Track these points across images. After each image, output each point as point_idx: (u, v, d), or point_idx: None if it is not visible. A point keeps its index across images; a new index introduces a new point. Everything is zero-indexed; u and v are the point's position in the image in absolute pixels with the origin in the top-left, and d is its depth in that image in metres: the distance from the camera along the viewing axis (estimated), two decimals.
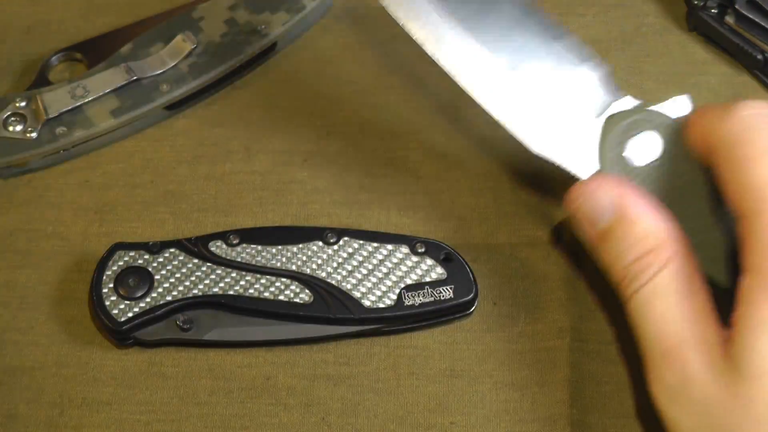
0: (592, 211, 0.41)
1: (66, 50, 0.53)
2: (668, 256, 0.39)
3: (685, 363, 0.38)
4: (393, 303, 0.45)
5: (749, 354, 0.36)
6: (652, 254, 0.39)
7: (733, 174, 0.38)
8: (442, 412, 0.45)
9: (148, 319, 0.44)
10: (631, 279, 0.40)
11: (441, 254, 0.46)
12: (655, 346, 0.39)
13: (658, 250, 0.39)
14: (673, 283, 0.39)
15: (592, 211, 0.41)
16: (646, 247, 0.39)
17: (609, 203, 0.41)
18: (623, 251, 0.40)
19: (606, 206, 0.41)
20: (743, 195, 0.38)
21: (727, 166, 0.39)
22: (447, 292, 0.45)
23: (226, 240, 0.46)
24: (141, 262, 0.45)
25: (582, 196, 0.41)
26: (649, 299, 0.39)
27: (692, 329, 0.38)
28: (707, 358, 0.37)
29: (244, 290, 0.45)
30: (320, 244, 0.46)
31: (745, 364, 0.36)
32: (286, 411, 0.45)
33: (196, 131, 0.52)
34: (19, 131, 0.50)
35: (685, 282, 0.39)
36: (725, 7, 0.53)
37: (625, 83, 0.53)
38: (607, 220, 0.41)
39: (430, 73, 0.54)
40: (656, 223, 0.40)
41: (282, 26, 0.53)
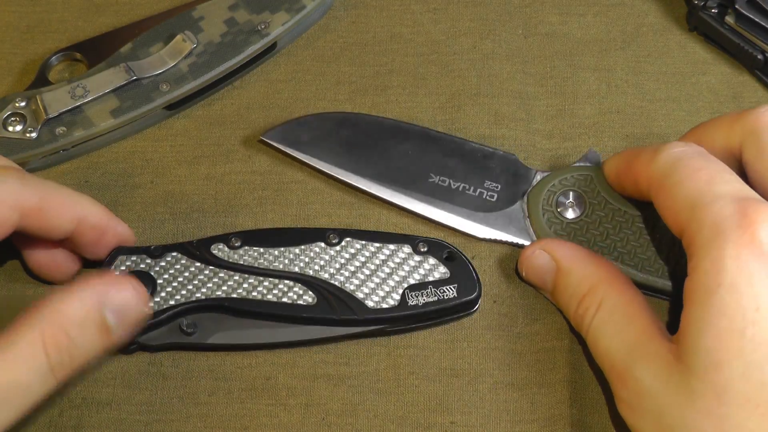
0: (536, 273, 0.46)
1: (66, 50, 0.53)
2: (601, 297, 0.43)
3: (636, 380, 0.40)
4: (397, 303, 0.45)
5: (694, 351, 0.38)
6: (587, 297, 0.44)
7: (666, 200, 0.42)
8: (442, 412, 0.45)
9: (152, 324, 0.44)
10: (581, 320, 0.44)
11: (444, 253, 0.46)
12: (610, 373, 0.42)
13: (591, 293, 0.44)
14: (611, 317, 0.43)
15: (536, 273, 0.46)
16: (582, 293, 0.44)
17: (547, 263, 0.46)
18: (569, 300, 0.45)
19: (545, 266, 0.46)
20: (678, 213, 0.41)
21: (660, 197, 0.42)
22: (450, 291, 0.45)
23: (228, 243, 0.46)
24: (143, 267, 0.45)
25: (526, 264, 0.46)
26: (596, 335, 0.43)
27: (637, 349, 0.41)
28: (655, 369, 0.40)
29: (247, 293, 0.45)
30: (322, 245, 0.46)
31: (691, 362, 0.38)
32: (286, 411, 0.45)
33: (196, 131, 0.52)
34: (18, 131, 0.50)
35: (622, 312, 0.43)
36: (725, 6, 0.53)
37: (626, 83, 0.53)
38: (550, 277, 0.46)
39: (430, 73, 0.54)
40: (584, 269, 0.45)
41: (282, 26, 0.53)
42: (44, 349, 0.39)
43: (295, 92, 0.53)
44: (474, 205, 0.48)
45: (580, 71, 0.54)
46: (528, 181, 0.48)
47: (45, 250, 0.46)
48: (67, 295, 0.40)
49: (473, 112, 0.52)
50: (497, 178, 0.49)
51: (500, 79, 0.53)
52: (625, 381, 0.41)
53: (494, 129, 0.52)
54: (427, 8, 0.56)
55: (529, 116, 0.52)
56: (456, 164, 0.49)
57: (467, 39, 0.55)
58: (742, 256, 0.38)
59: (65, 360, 0.39)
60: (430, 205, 0.48)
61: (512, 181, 0.49)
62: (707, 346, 0.38)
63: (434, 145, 0.50)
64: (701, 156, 0.42)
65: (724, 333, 0.37)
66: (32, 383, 0.39)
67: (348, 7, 0.56)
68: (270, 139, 0.50)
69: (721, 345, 0.37)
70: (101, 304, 0.40)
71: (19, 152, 0.49)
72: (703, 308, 0.38)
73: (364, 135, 0.50)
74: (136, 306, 0.42)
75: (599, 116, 0.52)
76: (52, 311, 0.39)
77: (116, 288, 0.41)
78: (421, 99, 0.53)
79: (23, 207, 0.42)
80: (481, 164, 0.49)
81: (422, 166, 0.49)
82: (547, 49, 0.54)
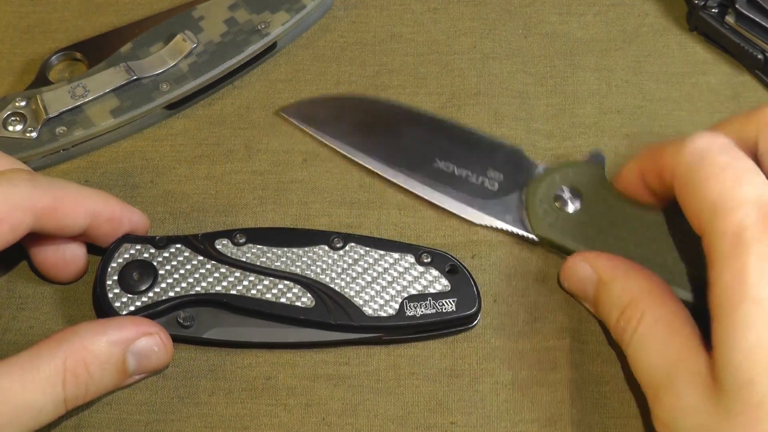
0: (578, 285, 0.46)
1: (66, 50, 0.53)
2: (642, 309, 0.42)
3: (676, 397, 0.40)
4: (395, 312, 0.45)
5: (725, 369, 0.38)
6: (629, 309, 0.43)
7: (689, 196, 0.41)
8: (442, 412, 0.45)
9: (150, 314, 0.44)
10: (622, 333, 0.43)
11: (446, 266, 0.46)
12: (648, 388, 0.42)
13: (633, 305, 0.43)
14: (652, 330, 0.42)
15: (578, 285, 0.46)
16: (623, 304, 0.43)
17: (589, 275, 0.45)
18: (609, 311, 0.44)
19: (587, 278, 0.45)
20: (700, 213, 0.40)
21: (683, 192, 0.41)
22: (450, 304, 0.45)
23: (233, 238, 0.46)
24: (146, 256, 0.45)
25: (567, 275, 0.46)
26: (637, 348, 0.42)
27: (679, 365, 0.40)
28: (696, 387, 0.39)
29: (246, 290, 0.45)
30: (326, 249, 0.46)
31: (724, 380, 0.38)
32: (286, 411, 0.45)
33: (196, 131, 0.52)
34: (18, 131, 0.50)
35: (664, 326, 0.42)
36: (726, 6, 0.53)
37: (626, 83, 0.53)
38: (592, 289, 0.45)
39: (430, 73, 0.54)
40: (626, 281, 0.44)
41: (282, 26, 0.53)
42: (63, 381, 0.40)
43: (295, 92, 0.53)
44: (474, 192, 0.49)
45: (580, 71, 0.54)
46: (530, 174, 0.49)
47: (52, 249, 0.46)
48: (97, 332, 0.41)
49: (473, 111, 0.52)
50: (500, 168, 0.49)
51: (500, 79, 0.53)
52: (662, 398, 0.40)
53: (494, 129, 0.52)
54: (427, 8, 0.56)
55: (530, 116, 0.52)
56: (462, 152, 0.50)
57: (467, 39, 0.55)
58: (765, 268, 0.37)
59: (80, 393, 0.41)
60: (432, 188, 0.49)
61: (515, 172, 0.49)
62: (737, 363, 0.37)
63: (443, 132, 0.50)
64: (728, 151, 0.41)
65: (752, 348, 0.37)
66: (44, 408, 0.40)
67: (348, 7, 0.56)
68: (288, 115, 0.52)
69: (751, 361, 0.37)
70: (127, 348, 0.42)
71: (19, 152, 0.49)
72: (728, 323, 0.38)
73: (377, 118, 0.51)
74: (158, 356, 0.44)
75: (599, 116, 0.52)
76: (78, 345, 0.41)
77: (146, 336, 0.43)
78: (421, 99, 0.53)
79: (37, 209, 0.42)
80: (486, 154, 0.50)
81: (429, 151, 0.50)
82: (547, 48, 0.54)
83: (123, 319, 0.43)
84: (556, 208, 0.47)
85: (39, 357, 0.40)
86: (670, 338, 0.41)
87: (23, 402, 0.39)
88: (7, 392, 0.39)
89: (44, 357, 0.40)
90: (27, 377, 0.39)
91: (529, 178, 0.49)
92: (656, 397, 0.41)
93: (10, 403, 0.39)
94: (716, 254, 0.39)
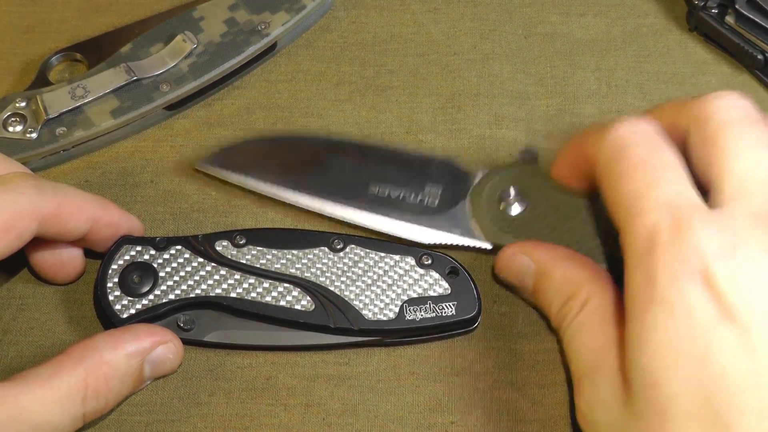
0: (515, 276, 0.45)
1: (66, 50, 0.53)
2: (585, 297, 0.42)
3: (594, 389, 0.40)
4: (394, 316, 0.45)
5: (635, 369, 0.38)
6: (571, 300, 0.43)
7: (608, 192, 0.40)
8: (442, 412, 0.45)
9: (151, 317, 0.44)
10: (561, 321, 0.43)
11: (447, 268, 0.46)
12: (573, 377, 0.42)
13: (574, 296, 0.43)
14: (589, 319, 0.42)
15: (515, 276, 0.45)
16: (566, 296, 0.43)
17: (526, 265, 0.45)
18: (551, 301, 0.44)
19: (524, 268, 0.45)
20: (616, 211, 0.40)
21: (603, 185, 0.41)
22: (450, 308, 0.45)
23: (233, 240, 0.46)
24: (147, 258, 0.45)
25: (503, 266, 0.46)
26: (572, 335, 0.42)
27: (601, 358, 0.40)
28: (612, 383, 0.39)
29: (246, 293, 0.45)
30: (326, 250, 0.46)
31: (633, 381, 0.38)
32: (286, 411, 0.45)
33: (196, 131, 0.52)
34: (19, 131, 0.50)
35: (601, 315, 0.41)
36: (725, 7, 0.53)
37: (626, 83, 0.53)
38: (531, 279, 0.45)
39: (430, 73, 0.54)
40: (567, 270, 0.44)
41: (282, 26, 0.53)
42: (84, 398, 0.40)
43: (295, 92, 0.53)
44: (416, 211, 0.47)
45: (580, 71, 0.54)
46: (469, 181, 0.48)
47: (51, 252, 0.46)
48: (116, 346, 0.42)
49: (473, 112, 0.52)
50: (438, 181, 0.48)
51: (500, 79, 0.53)
52: (583, 389, 0.41)
53: (494, 129, 0.52)
54: (427, 8, 0.56)
55: (529, 116, 0.52)
56: (395, 173, 0.48)
57: (467, 39, 0.55)
58: (674, 272, 0.37)
59: (99, 407, 0.41)
60: (373, 215, 0.48)
61: (453, 182, 0.48)
62: (643, 364, 0.37)
63: (371, 155, 0.49)
64: (648, 143, 0.40)
65: (659, 350, 0.37)
66: (62, 424, 0.40)
67: (348, 7, 0.56)
68: (206, 165, 0.49)
69: (657, 362, 0.37)
70: (144, 358, 0.43)
71: (19, 152, 0.49)
72: (637, 324, 0.38)
73: (299, 153, 0.50)
74: (171, 362, 0.44)
75: (599, 116, 0.52)
76: (98, 360, 0.41)
77: (162, 345, 0.43)
78: (421, 99, 0.53)
79: (42, 215, 0.42)
80: (420, 170, 0.48)
81: (361, 177, 0.48)
82: (547, 49, 0.54)
83: (138, 329, 0.43)
84: (503, 212, 0.47)
85: (58, 374, 0.40)
86: (603, 329, 0.41)
87: (42, 420, 0.39)
88: (27, 411, 0.39)
89: (64, 374, 0.40)
90: (46, 395, 0.39)
91: (469, 186, 0.48)
92: (578, 387, 0.41)
93: (29, 423, 0.39)
94: (630, 254, 0.38)
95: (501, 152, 0.51)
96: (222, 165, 0.49)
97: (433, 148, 0.50)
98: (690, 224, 0.37)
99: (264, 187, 0.49)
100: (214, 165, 0.49)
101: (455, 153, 0.50)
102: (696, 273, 0.37)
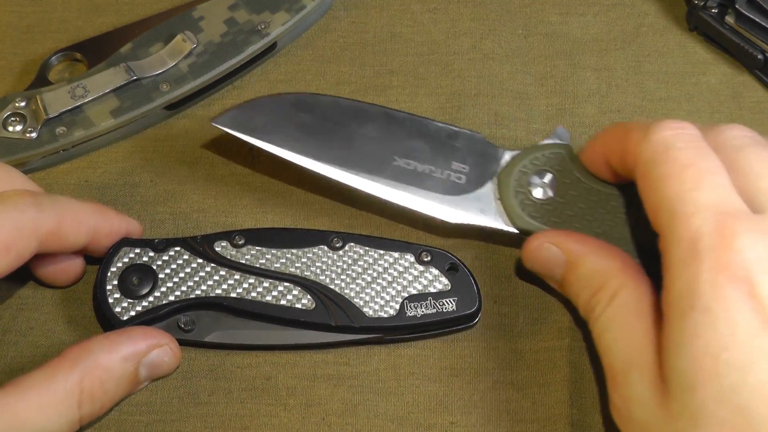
0: (544, 266, 0.45)
1: (66, 50, 0.53)
2: (614, 288, 0.42)
3: (629, 385, 0.39)
4: (395, 313, 0.45)
5: (671, 372, 0.38)
6: (600, 292, 0.42)
7: (649, 193, 0.40)
8: (442, 412, 0.45)
9: (151, 319, 0.44)
10: (590, 311, 0.42)
11: (446, 264, 0.46)
12: (607, 371, 0.41)
13: (604, 287, 0.42)
14: (620, 312, 0.41)
15: (544, 266, 0.45)
16: (594, 287, 0.42)
17: (555, 255, 0.44)
18: (579, 291, 0.43)
19: (554, 259, 0.44)
20: (657, 213, 0.40)
21: (644, 185, 0.41)
22: (450, 304, 0.45)
23: (232, 240, 0.46)
24: (146, 260, 0.45)
25: (531, 257, 0.45)
26: (603, 329, 0.42)
27: (638, 354, 0.40)
28: (647, 380, 0.39)
29: (246, 293, 0.45)
30: (325, 249, 0.46)
31: (671, 382, 0.38)
32: (286, 411, 0.45)
33: (196, 131, 0.52)
34: (18, 131, 0.50)
35: (633, 308, 0.41)
36: (725, 6, 0.53)
37: (626, 83, 0.53)
38: (560, 269, 0.44)
39: (430, 73, 0.54)
40: (597, 261, 0.43)
41: (282, 26, 0.53)
42: (79, 402, 0.40)
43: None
44: (443, 188, 0.46)
45: (580, 71, 0.54)
46: (497, 161, 0.47)
47: (51, 260, 0.46)
48: (111, 349, 0.42)
49: (473, 112, 0.52)
50: (464, 158, 0.47)
51: (500, 79, 0.53)
52: (618, 384, 0.40)
53: (494, 129, 0.52)
54: (427, 8, 0.56)
55: (529, 116, 0.52)
56: (421, 145, 0.47)
57: (467, 39, 0.55)
58: (717, 280, 0.37)
59: (95, 410, 0.41)
60: (397, 189, 0.46)
61: (480, 161, 0.47)
62: (682, 368, 0.37)
63: (397, 126, 0.47)
64: (692, 146, 0.40)
65: (698, 356, 0.37)
66: (60, 430, 0.40)
67: (348, 7, 0.56)
68: (221, 125, 0.47)
69: (696, 368, 0.37)
70: (140, 361, 0.43)
71: (19, 152, 0.49)
72: (677, 329, 0.38)
73: (323, 117, 0.48)
74: (168, 365, 0.44)
75: (599, 116, 0.52)
76: (93, 364, 0.41)
77: (157, 348, 0.43)
78: (421, 99, 0.53)
79: (42, 233, 0.42)
80: (446, 144, 0.47)
81: (386, 149, 0.47)
82: (547, 49, 0.54)
83: (134, 331, 0.43)
84: (531, 196, 0.46)
85: (54, 379, 0.40)
86: (636, 324, 0.40)
87: (38, 426, 0.39)
88: (22, 418, 0.39)
89: (60, 379, 0.40)
90: (43, 401, 0.39)
91: (497, 166, 0.47)
92: (613, 383, 0.41)
93: (25, 429, 0.39)
94: (671, 258, 0.38)
95: None
96: (239, 125, 0.47)
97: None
98: (734, 230, 0.37)
99: (283, 152, 0.47)
100: (230, 124, 0.47)
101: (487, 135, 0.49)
102: (739, 281, 0.36)
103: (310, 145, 0.47)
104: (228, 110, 0.48)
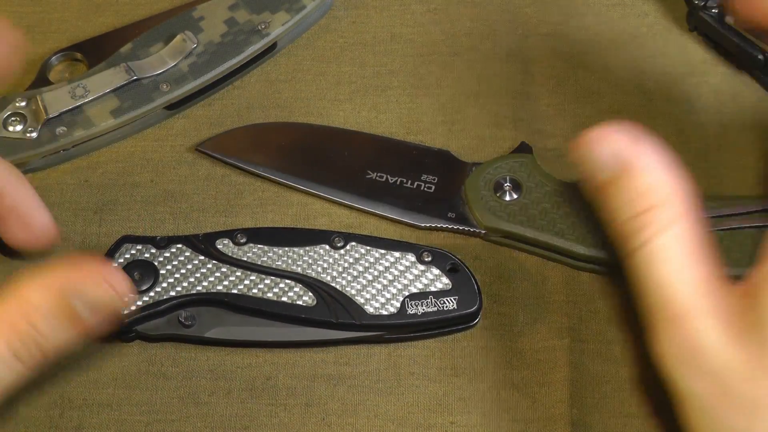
0: (597, 158, 0.39)
1: (66, 50, 0.53)
2: (672, 217, 0.37)
3: (697, 331, 0.36)
4: (396, 311, 0.45)
5: None
6: (653, 211, 0.37)
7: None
8: (442, 412, 0.45)
9: (151, 313, 0.44)
10: (632, 233, 0.38)
11: (447, 264, 0.46)
12: (661, 310, 0.37)
13: (661, 207, 0.37)
14: (678, 246, 0.37)
15: (597, 158, 0.39)
16: (648, 203, 0.37)
17: (616, 152, 0.39)
18: (620, 206, 0.38)
19: (609, 157, 0.39)
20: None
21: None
22: (451, 303, 0.45)
23: (233, 238, 0.46)
24: (147, 256, 0.45)
25: (589, 143, 0.40)
26: (653, 260, 0.37)
27: (703, 297, 0.36)
28: (721, 327, 0.35)
29: (247, 289, 0.45)
30: (327, 248, 0.46)
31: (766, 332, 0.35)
32: (286, 411, 0.45)
33: (196, 131, 0.52)
34: (19, 131, 0.50)
35: (693, 246, 0.37)
36: (726, 7, 0.53)
37: (626, 83, 0.53)
38: (612, 169, 0.39)
39: (430, 73, 0.54)
40: (663, 178, 0.38)
41: (282, 26, 0.53)
42: (7, 340, 0.37)
43: (295, 92, 0.53)
44: (413, 195, 0.49)
45: (580, 71, 0.54)
46: (464, 172, 0.49)
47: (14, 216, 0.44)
48: (31, 281, 0.38)
49: (473, 112, 0.52)
50: (433, 171, 0.49)
51: (500, 79, 0.53)
52: (680, 328, 0.36)
53: (494, 129, 0.52)
54: (427, 8, 0.56)
55: (530, 116, 0.52)
56: (391, 161, 0.50)
57: (467, 39, 0.55)
58: None
59: (31, 348, 0.38)
60: (370, 199, 0.49)
61: (448, 173, 0.49)
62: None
63: (368, 145, 0.51)
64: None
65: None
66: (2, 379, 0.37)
67: (348, 7, 0.56)
68: (207, 150, 0.51)
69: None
70: (67, 294, 0.38)
71: (19, 152, 0.49)
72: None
73: (298, 140, 0.51)
74: (112, 299, 0.39)
75: (599, 116, 0.52)
76: (15, 297, 0.38)
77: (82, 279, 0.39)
78: (421, 99, 0.53)
79: None
80: (416, 160, 0.50)
81: (359, 165, 0.50)
82: (547, 49, 0.54)
83: (62, 263, 0.39)
84: (498, 199, 0.48)
85: None
86: (696, 263, 0.36)
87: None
88: None
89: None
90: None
91: (464, 177, 0.49)
92: (671, 325, 0.36)
93: None
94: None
95: (501, 152, 0.51)
96: (221, 148, 0.51)
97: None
98: None
99: (262, 171, 0.50)
100: (213, 148, 0.51)
101: (455, 151, 0.50)
102: None
103: (289, 164, 0.50)
104: (211, 138, 0.51)
